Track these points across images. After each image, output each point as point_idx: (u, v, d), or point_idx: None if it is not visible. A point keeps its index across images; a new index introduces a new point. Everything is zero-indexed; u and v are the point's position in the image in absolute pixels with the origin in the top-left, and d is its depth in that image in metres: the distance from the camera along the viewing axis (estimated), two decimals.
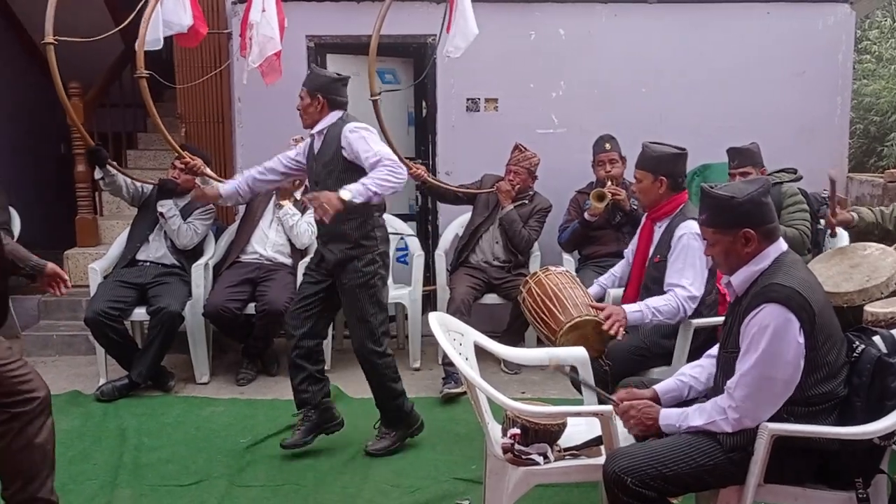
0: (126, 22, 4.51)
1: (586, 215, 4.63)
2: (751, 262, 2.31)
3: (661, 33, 5.29)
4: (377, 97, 4.64)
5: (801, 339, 2.15)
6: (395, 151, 4.81)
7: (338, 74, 3.62)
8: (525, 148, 4.80)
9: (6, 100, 7.06)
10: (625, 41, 5.30)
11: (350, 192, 3.15)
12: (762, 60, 5.30)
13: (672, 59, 5.30)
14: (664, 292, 3.18)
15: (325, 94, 3.52)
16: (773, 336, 2.14)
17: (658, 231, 3.35)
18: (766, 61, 5.30)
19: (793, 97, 5.32)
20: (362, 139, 3.39)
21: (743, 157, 4.14)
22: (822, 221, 4.24)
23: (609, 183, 4.57)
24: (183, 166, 4.57)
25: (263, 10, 4.57)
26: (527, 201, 4.82)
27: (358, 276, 3.48)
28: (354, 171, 3.35)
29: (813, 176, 4.59)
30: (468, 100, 5.38)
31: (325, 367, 4.68)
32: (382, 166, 3.27)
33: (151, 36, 4.40)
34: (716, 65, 5.30)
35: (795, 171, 4.40)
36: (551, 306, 3.10)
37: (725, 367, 2.35)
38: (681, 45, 5.30)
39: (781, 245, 2.33)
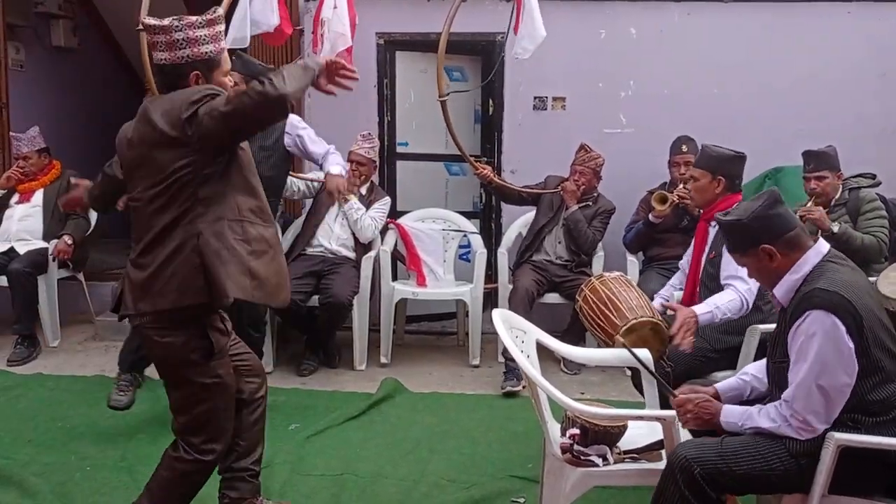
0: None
1: (651, 216, 4.56)
2: (789, 271, 2.27)
3: (736, 33, 5.17)
4: (445, 98, 4.64)
5: (851, 344, 2.10)
6: (461, 150, 4.84)
7: (264, 63, 3.90)
8: (590, 148, 4.76)
9: (88, 95, 7.33)
10: (698, 41, 5.20)
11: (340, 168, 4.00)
12: (841, 61, 5.12)
13: (746, 59, 5.17)
14: (721, 288, 3.15)
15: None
16: (822, 343, 2.10)
17: (712, 231, 3.34)
18: (846, 62, 5.12)
19: (873, 99, 5.13)
20: (311, 133, 4.04)
21: (819, 161, 4.01)
22: None
23: (681, 185, 4.49)
24: None
25: (335, 7, 4.64)
26: (591, 203, 4.78)
27: None
28: (287, 158, 3.83)
29: (894, 181, 4.43)
30: (535, 98, 5.36)
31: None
32: (335, 153, 4.25)
33: (239, 34, 4.54)
34: (792, 65, 5.15)
35: (874, 177, 4.24)
36: (607, 312, 3.07)
37: (777, 378, 2.31)
38: (756, 46, 5.16)
39: (821, 248, 2.28)
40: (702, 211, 3.47)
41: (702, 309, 3.08)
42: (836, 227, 3.89)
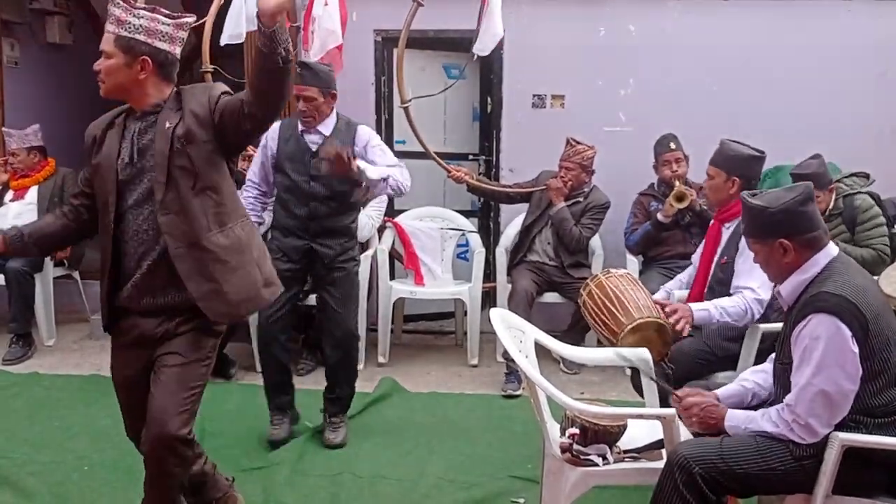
0: (199, 21, 4.60)
1: (660, 216, 4.48)
2: (798, 270, 2.25)
3: (736, 31, 5.14)
4: (407, 104, 4.59)
5: (856, 349, 2.08)
6: (427, 151, 4.78)
7: (329, 65, 3.63)
8: (577, 141, 4.64)
9: (83, 92, 7.29)
10: (697, 39, 5.17)
11: (364, 167, 3.25)
12: (841, 60, 5.10)
13: (746, 57, 5.14)
14: (729, 294, 3.10)
15: (334, 90, 3.52)
16: (826, 348, 2.08)
17: (726, 233, 3.26)
18: (846, 60, 5.10)
19: (873, 97, 5.11)
20: (381, 143, 3.57)
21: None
22: None
23: (677, 183, 4.46)
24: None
25: (326, 4, 4.61)
26: (581, 198, 4.68)
27: (355, 263, 3.67)
28: None
29: (892, 179, 4.41)
30: (534, 96, 5.33)
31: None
32: (402, 167, 3.48)
33: (235, 30, 4.49)
34: (792, 64, 5.13)
35: (868, 176, 4.13)
36: (612, 308, 3.04)
37: (781, 379, 2.29)
38: (755, 44, 5.14)
39: (831, 250, 2.26)
40: (714, 210, 3.37)
41: (699, 306, 3.04)
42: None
